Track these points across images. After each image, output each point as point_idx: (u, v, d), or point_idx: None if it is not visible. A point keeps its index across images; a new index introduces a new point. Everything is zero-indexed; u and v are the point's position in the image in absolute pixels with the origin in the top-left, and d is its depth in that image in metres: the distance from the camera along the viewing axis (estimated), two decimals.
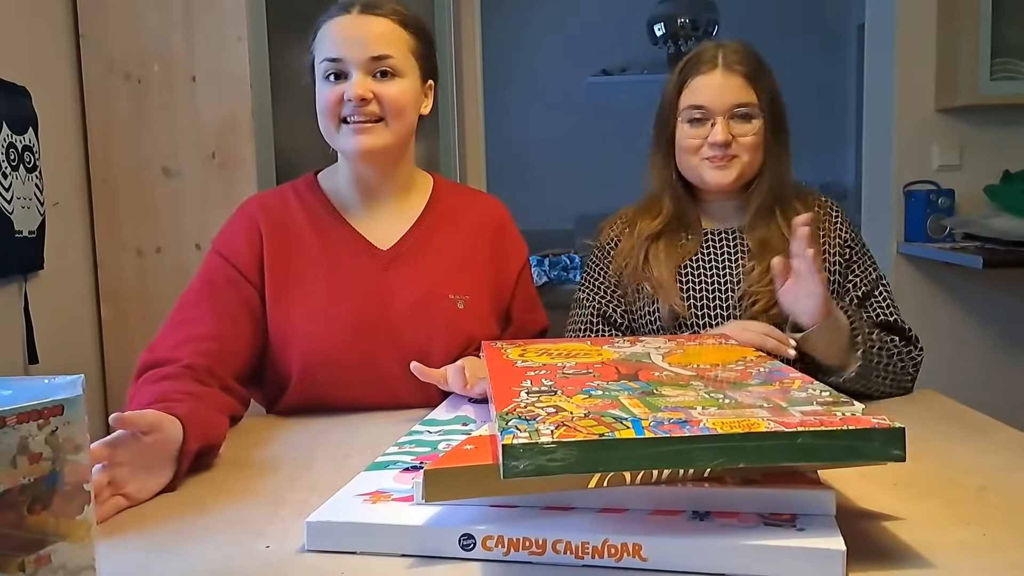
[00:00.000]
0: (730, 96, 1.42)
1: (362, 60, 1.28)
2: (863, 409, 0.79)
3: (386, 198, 1.40)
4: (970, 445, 1.11)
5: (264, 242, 1.35)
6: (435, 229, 1.41)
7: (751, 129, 1.44)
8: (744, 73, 1.43)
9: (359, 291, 1.34)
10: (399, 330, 1.34)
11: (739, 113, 1.43)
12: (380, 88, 1.29)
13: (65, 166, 2.09)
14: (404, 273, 1.36)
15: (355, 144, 1.30)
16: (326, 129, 1.33)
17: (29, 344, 1.88)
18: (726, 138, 1.42)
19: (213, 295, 1.32)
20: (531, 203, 5.26)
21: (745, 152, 1.44)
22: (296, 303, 1.33)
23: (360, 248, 1.37)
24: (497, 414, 0.81)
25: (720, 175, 1.45)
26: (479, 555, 0.77)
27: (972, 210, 3.11)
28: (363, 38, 1.29)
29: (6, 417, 0.62)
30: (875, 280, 1.51)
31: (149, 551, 0.84)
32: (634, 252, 1.52)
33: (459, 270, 1.39)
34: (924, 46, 3.14)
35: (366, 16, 1.30)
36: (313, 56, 1.33)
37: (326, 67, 1.30)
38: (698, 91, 1.44)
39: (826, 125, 5.27)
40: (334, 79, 1.30)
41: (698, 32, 5.10)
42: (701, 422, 0.76)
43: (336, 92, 1.29)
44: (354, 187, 1.39)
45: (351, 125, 1.30)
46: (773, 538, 0.73)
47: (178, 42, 2.12)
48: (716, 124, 1.43)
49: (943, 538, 0.80)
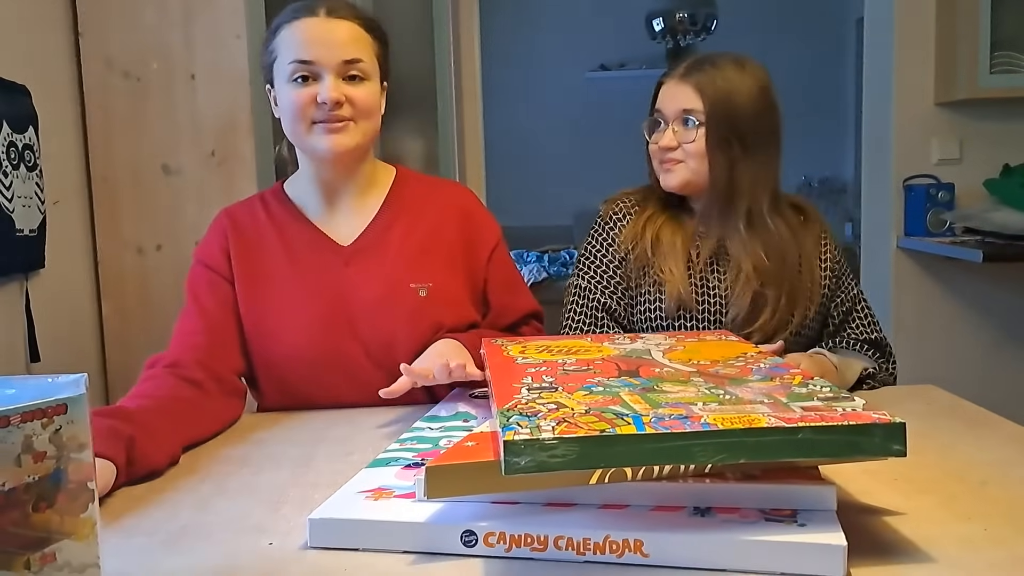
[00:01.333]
0: (679, 102, 1.46)
1: (334, 63, 1.30)
2: (864, 404, 0.79)
3: (347, 196, 1.42)
4: (971, 440, 1.11)
5: (230, 246, 1.40)
6: (396, 221, 1.43)
7: (691, 136, 1.46)
8: (694, 83, 1.46)
9: (322, 288, 1.38)
10: (363, 323, 1.37)
11: (684, 120, 1.46)
12: (351, 91, 1.31)
13: (65, 165, 2.09)
14: (365, 267, 1.39)
15: (327, 144, 1.32)
16: (295, 131, 1.34)
17: (31, 342, 1.88)
18: (669, 143, 1.47)
19: (198, 299, 1.38)
20: (530, 199, 5.28)
21: (691, 159, 1.47)
22: (264, 304, 1.38)
23: (322, 246, 1.40)
24: (498, 410, 0.81)
25: (666, 178, 1.50)
26: (481, 551, 0.78)
27: (972, 204, 3.11)
28: (334, 41, 1.30)
29: (10, 416, 0.62)
30: (855, 296, 1.56)
31: (153, 548, 0.84)
32: (643, 233, 1.52)
33: (422, 259, 1.41)
34: (923, 39, 3.14)
35: (334, 20, 1.32)
36: (274, 56, 1.34)
37: (295, 68, 1.30)
38: (659, 97, 1.51)
39: (825, 119, 5.27)
40: (302, 81, 1.30)
41: (696, 27, 5.10)
42: (702, 418, 0.76)
43: (308, 94, 1.30)
44: (316, 188, 1.41)
45: (322, 126, 1.32)
46: (774, 534, 0.74)
47: (177, 40, 2.12)
48: (666, 129, 1.49)
49: (944, 533, 0.81)
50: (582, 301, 1.54)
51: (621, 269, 1.53)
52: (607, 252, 1.54)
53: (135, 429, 1.04)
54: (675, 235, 1.51)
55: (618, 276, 1.53)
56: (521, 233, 5.06)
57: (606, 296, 1.52)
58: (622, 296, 1.53)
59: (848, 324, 1.54)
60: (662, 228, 1.52)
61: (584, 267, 1.56)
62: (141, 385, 1.25)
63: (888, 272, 3.25)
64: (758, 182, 1.47)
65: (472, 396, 1.30)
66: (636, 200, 1.58)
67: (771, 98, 1.47)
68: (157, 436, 1.08)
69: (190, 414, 1.20)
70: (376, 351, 1.35)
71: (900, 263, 3.23)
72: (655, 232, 1.51)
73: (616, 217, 1.56)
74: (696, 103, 1.44)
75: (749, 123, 1.45)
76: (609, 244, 1.55)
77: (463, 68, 3.39)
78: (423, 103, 2.88)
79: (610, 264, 1.54)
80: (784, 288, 1.46)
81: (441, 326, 1.38)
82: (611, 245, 1.55)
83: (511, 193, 4.94)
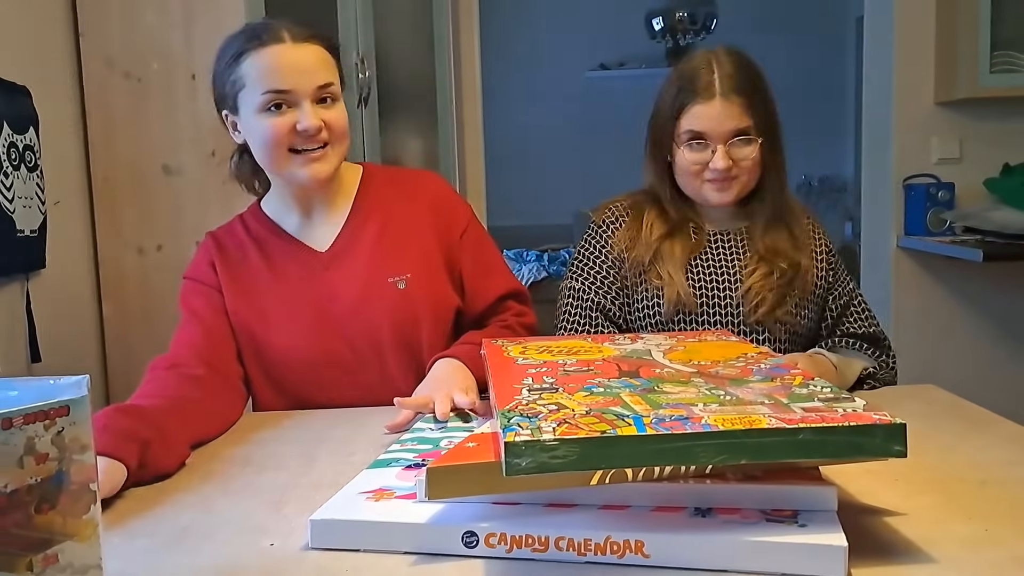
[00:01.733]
0: (729, 124, 1.43)
1: (309, 90, 1.31)
2: (864, 405, 0.80)
3: (320, 205, 1.45)
4: (971, 440, 1.12)
5: (217, 266, 1.43)
6: (367, 220, 1.45)
7: (750, 152, 1.45)
8: (740, 101, 1.43)
9: (306, 294, 1.41)
10: (348, 324, 1.40)
11: (738, 141, 1.44)
12: (326, 115, 1.32)
13: (66, 165, 2.09)
14: (343, 269, 1.42)
15: (310, 173, 1.34)
16: (274, 159, 1.34)
17: (31, 342, 1.88)
18: (727, 164, 1.44)
19: (192, 310, 1.42)
20: (529, 198, 5.28)
21: (744, 174, 1.47)
22: (252, 313, 1.41)
23: (301, 255, 1.44)
24: (499, 411, 0.81)
25: (721, 196, 1.48)
26: (482, 552, 0.78)
27: (972, 203, 3.12)
28: (306, 68, 1.31)
29: (13, 418, 0.62)
30: (851, 292, 1.58)
31: (155, 549, 0.84)
32: (641, 242, 1.52)
33: (396, 252, 1.43)
34: (923, 39, 3.14)
35: (301, 44, 1.32)
36: (240, 85, 1.32)
37: (270, 99, 1.30)
38: (697, 119, 1.44)
39: (825, 118, 5.27)
40: (276, 109, 1.30)
41: (696, 26, 5.10)
42: (703, 419, 0.76)
43: (285, 123, 1.30)
44: (291, 203, 1.44)
45: (303, 155, 1.33)
46: (775, 534, 0.74)
47: (177, 40, 2.12)
48: (716, 151, 1.44)
49: (945, 533, 0.81)
50: (576, 302, 1.54)
51: (615, 270, 1.53)
52: (600, 254, 1.55)
53: (152, 434, 1.05)
54: (672, 238, 1.51)
55: (612, 276, 1.53)
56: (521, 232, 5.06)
57: (600, 296, 1.52)
58: (616, 296, 1.53)
59: (846, 318, 1.55)
60: (658, 232, 1.51)
61: (578, 270, 1.56)
62: (147, 386, 1.26)
63: (888, 272, 3.25)
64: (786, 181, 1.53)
65: None
66: (626, 206, 1.58)
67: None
68: (170, 440, 1.09)
69: (197, 414, 1.21)
70: (363, 347, 1.40)
71: (900, 263, 3.24)
72: (651, 236, 1.51)
73: (609, 221, 1.56)
74: (746, 121, 1.44)
75: (776, 119, 1.48)
76: (602, 247, 1.55)
77: (463, 68, 3.39)
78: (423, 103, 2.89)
79: (603, 265, 1.54)
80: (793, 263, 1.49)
81: (422, 314, 1.41)
82: (604, 247, 1.55)
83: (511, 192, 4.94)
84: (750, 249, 1.52)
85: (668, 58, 5.33)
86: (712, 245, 1.53)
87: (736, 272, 1.51)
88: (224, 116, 1.39)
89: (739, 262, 1.51)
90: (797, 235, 1.53)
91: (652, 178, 1.55)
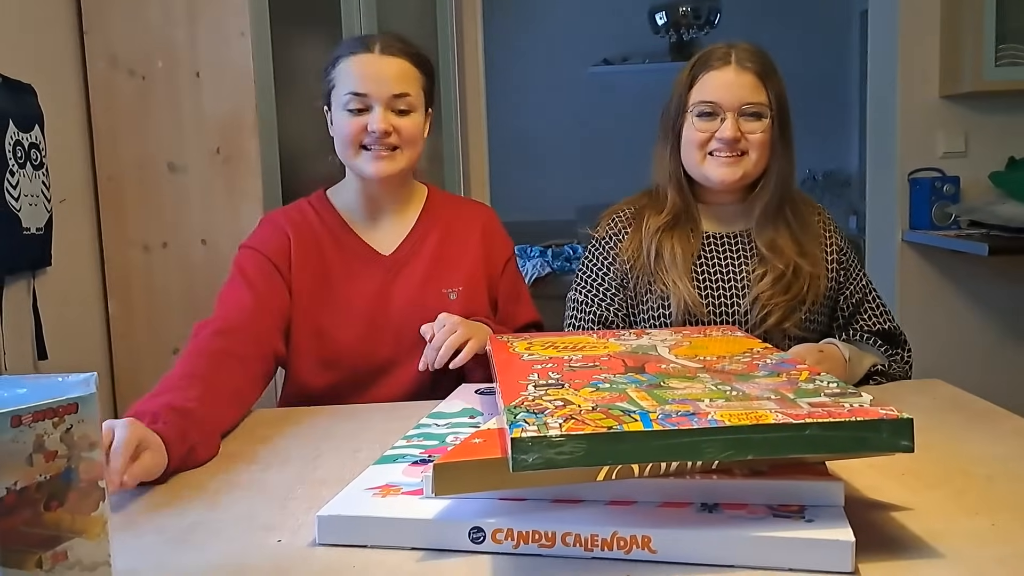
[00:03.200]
0: (741, 93, 1.42)
1: (384, 97, 1.44)
2: (871, 400, 0.80)
3: (388, 210, 1.57)
4: (977, 434, 1.11)
5: (292, 247, 1.50)
6: (429, 233, 1.57)
7: (760, 127, 1.43)
8: (756, 71, 1.43)
9: (368, 293, 1.51)
10: (400, 324, 1.50)
11: (749, 111, 1.42)
12: (398, 122, 1.45)
13: (71, 163, 2.09)
14: (404, 274, 1.53)
15: (375, 170, 1.46)
16: (345, 154, 1.48)
17: (38, 340, 1.89)
18: (735, 134, 1.42)
19: (246, 275, 1.46)
20: (533, 193, 5.28)
21: (753, 150, 1.44)
22: (322, 303, 1.49)
23: (367, 255, 1.54)
24: (505, 408, 0.81)
25: (727, 172, 1.44)
26: (489, 548, 0.78)
27: (977, 197, 3.10)
28: (385, 77, 1.44)
29: (22, 416, 0.62)
30: (865, 287, 1.55)
31: (163, 546, 0.85)
32: (643, 247, 1.50)
33: (451, 267, 1.56)
34: (928, 32, 3.13)
35: (386, 56, 1.46)
36: (332, 84, 1.48)
37: (349, 99, 1.44)
38: (709, 87, 1.44)
39: (828, 112, 5.26)
40: (354, 109, 1.44)
41: (700, 20, 5.09)
42: (709, 414, 0.76)
43: (359, 123, 1.44)
44: (362, 202, 1.55)
45: (371, 152, 1.46)
46: (782, 529, 0.74)
47: (181, 38, 2.12)
48: (726, 120, 1.42)
49: (952, 528, 0.81)
50: (579, 315, 1.55)
51: (617, 282, 1.52)
52: (603, 267, 1.54)
53: (199, 437, 1.10)
54: (676, 244, 1.49)
55: (613, 288, 1.52)
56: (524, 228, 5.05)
57: (602, 309, 1.52)
58: (620, 308, 1.52)
59: (859, 315, 1.52)
60: (662, 240, 1.50)
61: (582, 282, 1.56)
62: (191, 359, 1.28)
63: (893, 266, 3.25)
64: (795, 173, 1.51)
65: (478, 392, 1.31)
66: (631, 213, 1.56)
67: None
68: (209, 441, 1.14)
69: (233, 402, 1.27)
70: (409, 349, 1.47)
71: (905, 257, 3.23)
72: (656, 245, 1.49)
73: (612, 232, 1.55)
74: (760, 95, 1.43)
75: (787, 108, 1.47)
76: (605, 259, 1.54)
77: (466, 63, 3.38)
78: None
79: (606, 278, 1.53)
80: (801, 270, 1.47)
81: None
82: (606, 260, 1.54)
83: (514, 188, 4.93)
84: (756, 252, 1.50)
85: (672, 53, 5.32)
86: (718, 249, 1.51)
87: (743, 277, 1.49)
88: (325, 112, 1.52)
89: (746, 267, 1.49)
90: (803, 235, 1.50)
91: (659, 164, 1.53)
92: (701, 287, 1.48)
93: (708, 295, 1.48)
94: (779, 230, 1.49)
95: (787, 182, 1.50)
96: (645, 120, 1.56)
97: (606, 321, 1.52)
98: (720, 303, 1.47)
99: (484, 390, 1.31)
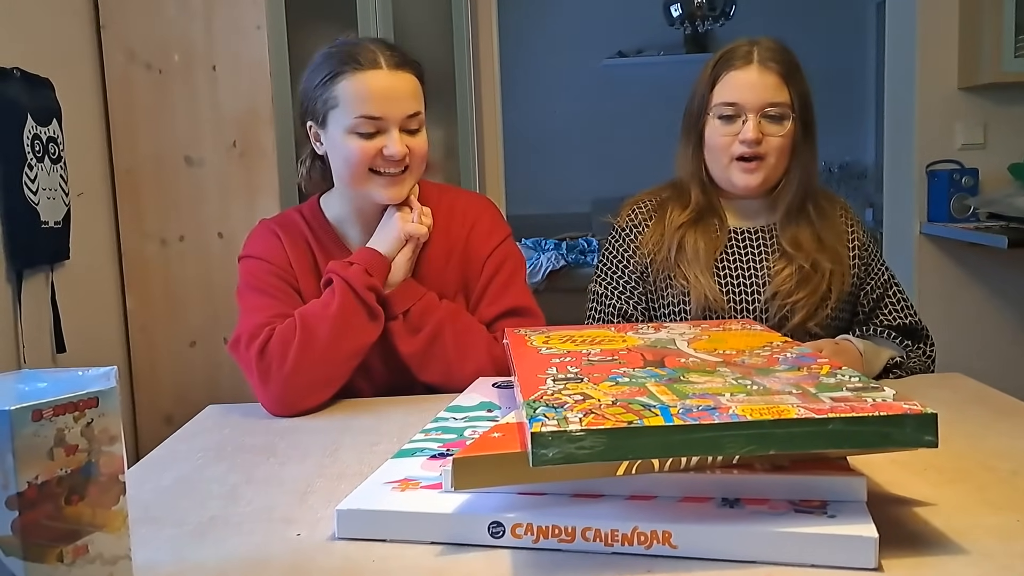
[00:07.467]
0: (764, 94, 1.41)
1: (399, 118, 1.35)
2: (894, 395, 0.79)
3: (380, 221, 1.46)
4: (1000, 428, 1.10)
5: (288, 252, 1.44)
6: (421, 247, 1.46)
7: (781, 131, 1.42)
8: (779, 71, 1.41)
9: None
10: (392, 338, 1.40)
11: (771, 113, 1.41)
12: (411, 142, 1.36)
13: (89, 157, 2.10)
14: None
15: (386, 196, 1.38)
16: (354, 177, 1.38)
17: (56, 333, 1.90)
18: (757, 136, 1.41)
19: (261, 288, 1.41)
20: (548, 187, 5.28)
21: (773, 154, 1.43)
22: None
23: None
24: (524, 402, 0.81)
25: (748, 178, 1.44)
26: (508, 543, 0.78)
27: (996, 189, 3.08)
28: (398, 97, 1.34)
29: (43, 410, 0.62)
30: (887, 281, 1.53)
31: (183, 540, 0.85)
32: (665, 240, 1.50)
33: (444, 270, 1.46)
34: (946, 23, 3.10)
35: (397, 72, 1.35)
36: (333, 104, 1.35)
37: (361, 123, 1.33)
38: (731, 87, 1.42)
39: (845, 104, 5.23)
40: (365, 133, 1.34)
41: (715, 12, 5.06)
42: (730, 409, 0.75)
43: (373, 148, 1.34)
44: (355, 217, 1.46)
45: (384, 177, 1.37)
46: (804, 525, 0.73)
47: (198, 31, 2.13)
48: (748, 121, 1.41)
49: (976, 524, 0.80)
50: (599, 307, 1.54)
51: (638, 275, 1.52)
52: (623, 259, 1.53)
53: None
54: (698, 239, 1.48)
55: (633, 281, 1.52)
56: (539, 221, 5.06)
57: (622, 302, 1.52)
58: (639, 301, 1.52)
59: (880, 310, 1.51)
60: (686, 234, 1.49)
61: (602, 274, 1.56)
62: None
63: (911, 258, 3.22)
64: (818, 171, 1.50)
65: (495, 386, 1.30)
66: (653, 205, 1.56)
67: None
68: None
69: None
70: (399, 363, 1.40)
71: (923, 249, 3.20)
72: (677, 239, 1.48)
73: (632, 224, 1.55)
74: (783, 95, 1.41)
75: (811, 108, 1.46)
76: (625, 251, 1.54)
77: (481, 57, 3.38)
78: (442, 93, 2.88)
79: (626, 271, 1.53)
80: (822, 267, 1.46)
81: None
82: (626, 251, 1.53)
83: (529, 181, 4.93)
84: (778, 248, 1.49)
85: (686, 45, 5.30)
86: (740, 244, 1.51)
87: (764, 272, 1.48)
88: (308, 127, 1.42)
89: (767, 262, 1.49)
90: (826, 232, 1.49)
91: (682, 164, 1.52)
92: (722, 282, 1.47)
93: (729, 290, 1.47)
94: (801, 227, 1.48)
95: (810, 180, 1.49)
96: (660, 112, 1.57)
97: (626, 315, 1.51)
98: (740, 298, 1.47)
99: (501, 383, 1.31)
